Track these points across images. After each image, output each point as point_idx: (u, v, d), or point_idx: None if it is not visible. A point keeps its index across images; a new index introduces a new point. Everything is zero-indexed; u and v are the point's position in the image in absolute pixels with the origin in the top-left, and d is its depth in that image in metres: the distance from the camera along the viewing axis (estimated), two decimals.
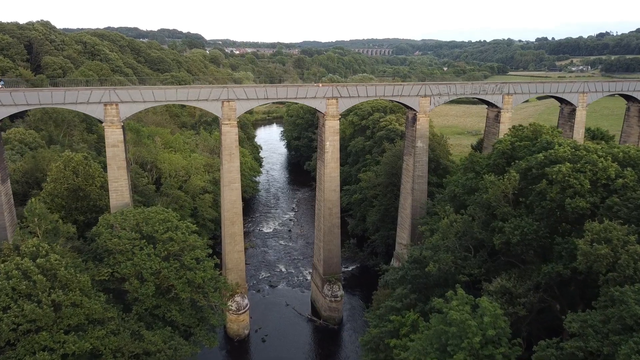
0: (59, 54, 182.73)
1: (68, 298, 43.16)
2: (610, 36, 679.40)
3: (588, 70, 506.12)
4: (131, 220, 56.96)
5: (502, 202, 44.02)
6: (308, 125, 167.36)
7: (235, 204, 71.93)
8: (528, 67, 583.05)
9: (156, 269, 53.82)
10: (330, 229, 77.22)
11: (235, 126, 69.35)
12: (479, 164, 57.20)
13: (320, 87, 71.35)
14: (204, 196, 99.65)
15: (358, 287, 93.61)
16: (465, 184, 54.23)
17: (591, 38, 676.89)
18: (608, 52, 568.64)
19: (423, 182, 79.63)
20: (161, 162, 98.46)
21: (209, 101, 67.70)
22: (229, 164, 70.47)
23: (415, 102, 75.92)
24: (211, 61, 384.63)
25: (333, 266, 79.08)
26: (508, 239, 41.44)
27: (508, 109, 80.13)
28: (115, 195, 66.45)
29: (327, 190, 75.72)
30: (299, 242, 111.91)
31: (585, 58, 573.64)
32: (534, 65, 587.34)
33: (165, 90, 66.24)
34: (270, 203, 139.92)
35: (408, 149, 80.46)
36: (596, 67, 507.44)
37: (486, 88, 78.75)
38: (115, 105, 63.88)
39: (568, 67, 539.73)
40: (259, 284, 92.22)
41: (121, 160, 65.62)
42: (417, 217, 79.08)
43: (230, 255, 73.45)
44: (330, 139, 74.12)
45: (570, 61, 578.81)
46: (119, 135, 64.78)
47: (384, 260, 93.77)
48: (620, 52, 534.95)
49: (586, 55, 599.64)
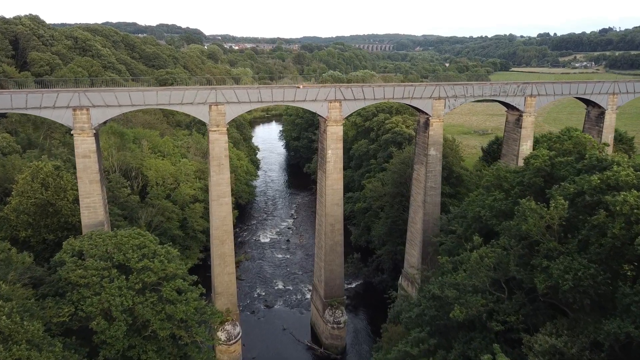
0: (47, 50, 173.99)
1: (10, 354, 34.88)
2: (614, 32, 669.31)
3: (592, 66, 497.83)
4: (100, 247, 48.70)
5: (546, 236, 35.71)
6: (308, 125, 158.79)
7: (225, 220, 63.65)
8: (531, 63, 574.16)
9: (128, 305, 45.63)
10: (332, 247, 68.96)
11: (224, 133, 60.98)
12: (507, 180, 48.78)
13: (302, 88, 62.57)
14: (194, 205, 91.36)
15: (362, 306, 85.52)
16: (493, 205, 45.79)
17: (594, 34, 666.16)
18: (612, 47, 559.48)
19: (436, 194, 71.27)
20: (147, 169, 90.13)
21: (195, 105, 59.28)
22: (217, 176, 62.13)
23: (428, 105, 67.57)
24: (209, 57, 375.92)
25: (335, 288, 70.85)
26: (556, 283, 33.18)
27: (531, 112, 71.78)
28: (87, 213, 58.12)
29: (329, 204, 67.41)
30: (298, 253, 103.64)
31: (589, 54, 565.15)
32: (536, 61, 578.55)
33: (144, 92, 57.70)
34: (268, 209, 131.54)
35: (419, 157, 72.12)
36: (600, 63, 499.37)
37: (507, 89, 70.33)
38: (85, 110, 55.51)
39: (571, 63, 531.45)
40: (254, 304, 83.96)
41: (94, 172, 57.26)
42: (429, 233, 70.89)
43: (220, 278, 65.21)
44: (332, 146, 65.78)
45: (573, 57, 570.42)
46: (90, 144, 56.40)
47: (391, 277, 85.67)
48: (625, 48, 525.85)
49: (589, 51, 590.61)
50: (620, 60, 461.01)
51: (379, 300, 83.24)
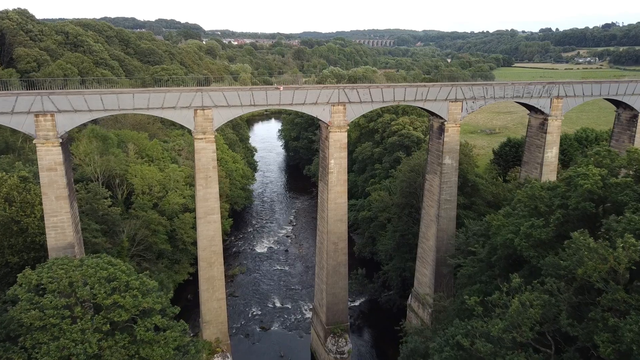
0: (35, 46, 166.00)
1: None
2: (617, 27, 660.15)
3: (596, 61, 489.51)
4: (63, 280, 41.08)
5: (611, 283, 28.18)
6: (308, 124, 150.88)
7: (213, 240, 55.98)
8: (533, 58, 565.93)
9: (93, 351, 38.13)
10: (335, 268, 61.39)
11: (212, 141, 53.32)
12: (543, 200, 41.09)
13: (281, 90, 54.65)
14: (184, 215, 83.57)
15: (367, 326, 78.16)
16: (531, 234, 38.06)
17: (597, 29, 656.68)
18: (616, 43, 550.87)
19: (451, 207, 63.60)
20: (132, 176, 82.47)
21: (177, 109, 51.56)
22: (205, 190, 54.51)
23: (444, 108, 59.87)
24: (207, 53, 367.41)
25: (338, 314, 63.30)
26: (628, 348, 25.71)
27: (557, 116, 64.15)
28: (54, 233, 50.53)
29: (332, 221, 59.79)
30: (297, 266, 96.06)
31: (592, 49, 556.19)
32: (539, 56, 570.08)
33: (119, 95, 49.92)
34: (265, 215, 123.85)
35: (432, 165, 64.44)
36: (604, 58, 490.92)
37: (531, 90, 62.63)
38: (50, 115, 47.86)
39: (575, 59, 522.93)
40: (248, 325, 76.40)
41: (61, 187, 49.59)
42: (443, 252, 63.36)
43: (208, 304, 57.61)
44: (335, 155, 58.13)
45: (576, 53, 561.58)
46: (56, 155, 48.75)
47: (398, 295, 78.15)
48: (629, 43, 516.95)
49: (593, 46, 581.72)
50: (625, 56, 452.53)
51: (386, 320, 76.02)
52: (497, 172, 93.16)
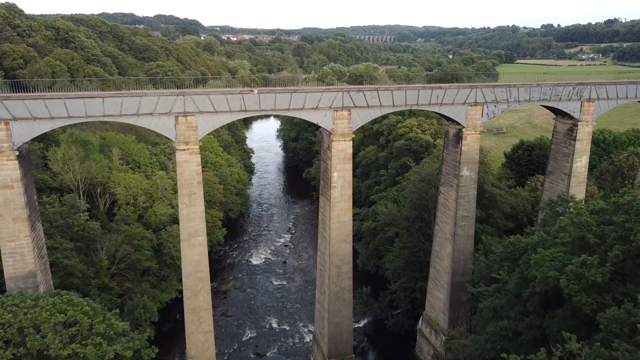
0: (22, 42, 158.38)
1: None
2: (620, 23, 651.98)
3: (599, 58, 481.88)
4: (12, 326, 33.98)
5: None
6: (308, 124, 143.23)
7: (199, 266, 48.82)
8: (535, 55, 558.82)
9: None
10: (338, 294, 54.29)
11: (196, 153, 46.15)
12: (592, 230, 33.89)
13: (255, 93, 46.81)
14: (171, 228, 76.45)
15: (372, 350, 71.22)
16: (582, 275, 30.86)
17: (600, 25, 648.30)
18: (619, 39, 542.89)
19: (469, 225, 56.39)
20: (115, 185, 75.24)
21: (155, 116, 44.31)
22: (188, 209, 47.37)
23: (462, 112, 52.66)
24: (205, 49, 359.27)
25: (342, 345, 56.22)
26: None
27: (588, 121, 56.92)
28: (11, 261, 43.26)
29: (335, 241, 52.69)
30: (296, 280, 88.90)
31: (595, 45, 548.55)
32: (541, 53, 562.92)
33: (86, 100, 42.65)
34: (262, 222, 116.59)
35: (447, 177, 57.25)
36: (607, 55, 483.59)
37: (559, 92, 55.34)
38: (4, 124, 40.69)
39: (578, 55, 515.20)
40: (242, 350, 69.26)
41: (19, 208, 42.39)
42: (459, 274, 56.29)
43: (194, 337, 50.51)
44: (339, 167, 51.08)
45: (579, 49, 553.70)
46: (12, 170, 41.55)
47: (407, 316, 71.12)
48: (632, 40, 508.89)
49: (596, 42, 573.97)
50: (629, 52, 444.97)
51: (393, 345, 69.09)
52: (509, 176, 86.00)
